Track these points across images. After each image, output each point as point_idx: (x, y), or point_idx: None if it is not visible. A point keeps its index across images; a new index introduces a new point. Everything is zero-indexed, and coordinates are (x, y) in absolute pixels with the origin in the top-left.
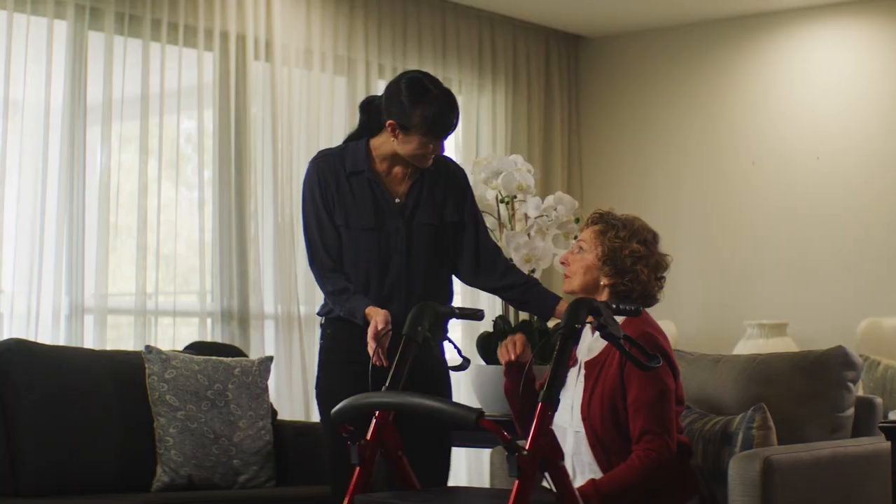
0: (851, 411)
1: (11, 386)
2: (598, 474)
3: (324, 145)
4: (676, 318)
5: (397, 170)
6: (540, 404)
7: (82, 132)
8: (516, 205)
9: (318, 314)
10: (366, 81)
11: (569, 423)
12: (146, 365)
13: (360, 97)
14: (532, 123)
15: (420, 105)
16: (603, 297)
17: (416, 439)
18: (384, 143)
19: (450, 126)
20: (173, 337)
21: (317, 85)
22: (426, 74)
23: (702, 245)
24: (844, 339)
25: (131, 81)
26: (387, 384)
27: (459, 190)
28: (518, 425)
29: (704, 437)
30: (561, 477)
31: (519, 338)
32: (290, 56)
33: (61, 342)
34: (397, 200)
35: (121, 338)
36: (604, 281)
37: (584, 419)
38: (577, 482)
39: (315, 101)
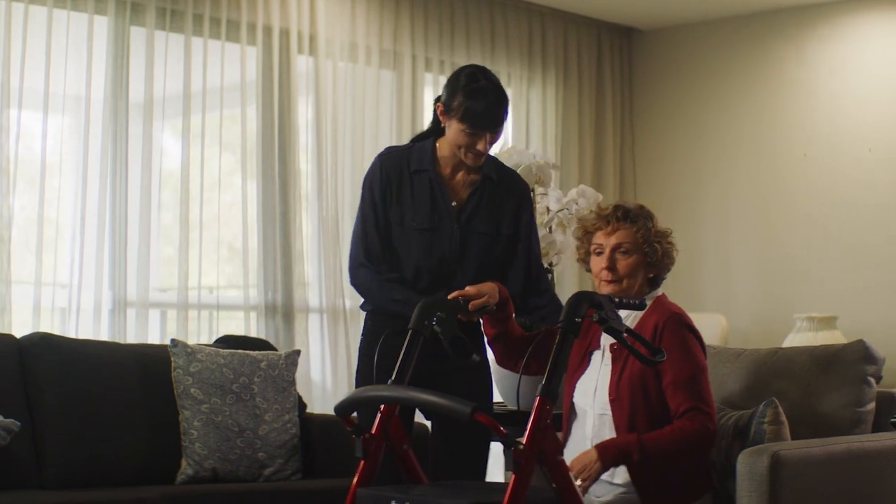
0: (872, 406)
1: (36, 379)
2: None
3: (369, 140)
4: (727, 311)
5: (460, 175)
6: (538, 398)
7: (125, 128)
8: (538, 198)
9: (362, 308)
10: (412, 75)
11: (591, 405)
12: (171, 358)
13: (407, 91)
14: (583, 117)
15: (464, 91)
16: (636, 289)
17: (452, 433)
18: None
19: (486, 118)
20: (217, 331)
21: (361, 79)
22: (486, 69)
23: (753, 238)
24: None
25: (173, 77)
26: (393, 378)
27: (519, 203)
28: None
29: (718, 432)
30: (560, 472)
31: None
32: (335, 50)
33: (104, 336)
34: (455, 204)
35: (163, 332)
36: (651, 274)
37: (611, 401)
38: None
39: (360, 96)
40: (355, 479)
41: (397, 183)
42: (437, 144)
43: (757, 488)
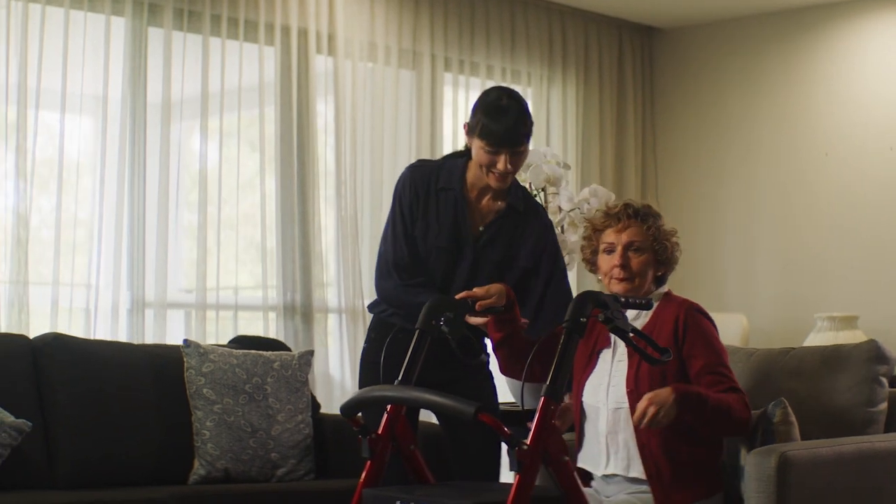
0: (884, 406)
1: (49, 379)
2: (633, 452)
3: (388, 140)
4: (749, 311)
5: (486, 200)
6: (543, 398)
7: (142, 128)
8: (550, 197)
9: (369, 309)
10: (431, 75)
11: (603, 402)
12: (184, 359)
13: (427, 91)
14: (604, 117)
15: (484, 108)
16: (646, 288)
17: (463, 434)
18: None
19: (504, 134)
20: (236, 332)
21: (381, 79)
22: (511, 91)
23: (775, 237)
24: None
25: (191, 77)
26: (399, 378)
27: (539, 238)
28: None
29: None
30: (566, 472)
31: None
32: (354, 50)
33: (122, 337)
34: (477, 229)
35: (184, 332)
36: (659, 272)
37: (629, 392)
38: (612, 465)
39: (379, 96)
40: (361, 480)
41: (424, 198)
42: (468, 165)
43: (765, 489)
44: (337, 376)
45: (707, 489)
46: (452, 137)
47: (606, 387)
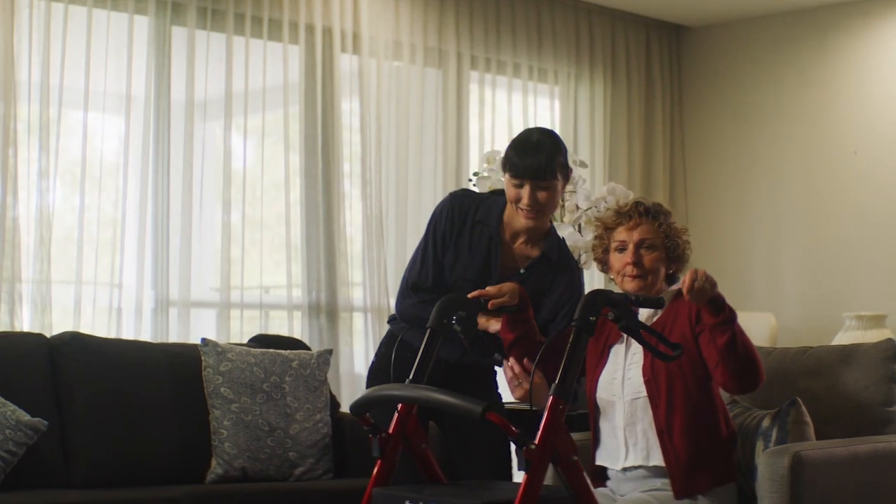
0: None
1: (66, 378)
2: (653, 441)
3: (413, 139)
4: (777, 310)
5: (519, 244)
6: (551, 398)
7: (166, 127)
8: (566, 195)
9: (388, 322)
10: (457, 73)
11: (619, 395)
12: (202, 357)
13: (452, 90)
14: (632, 115)
15: (514, 143)
16: (658, 286)
17: (475, 434)
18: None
19: (527, 166)
20: (260, 331)
21: (406, 77)
22: (548, 130)
23: (803, 236)
24: None
25: (215, 76)
26: (410, 377)
27: (564, 291)
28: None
29: (743, 432)
30: (575, 472)
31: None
32: (379, 48)
33: (146, 336)
34: (506, 268)
35: (205, 332)
36: (671, 270)
37: (646, 381)
38: (631, 457)
39: (404, 95)
40: (371, 479)
41: (459, 228)
42: (507, 204)
43: (778, 489)
44: (362, 375)
45: (722, 476)
46: (479, 136)
47: (621, 380)
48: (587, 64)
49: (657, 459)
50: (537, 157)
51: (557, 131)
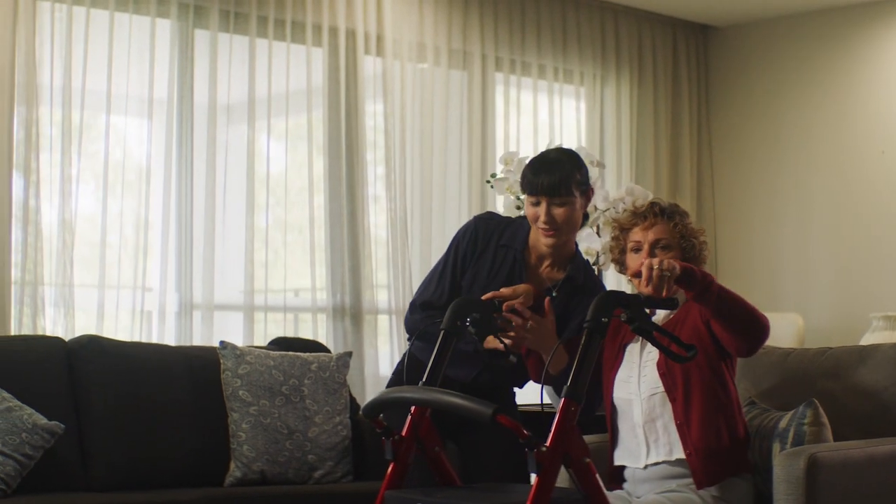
0: None
1: (84, 381)
2: (674, 436)
3: (438, 142)
4: (805, 311)
5: (545, 267)
6: (563, 399)
7: (189, 131)
8: None
9: (409, 339)
10: (482, 75)
11: (636, 393)
12: (220, 360)
13: (477, 92)
14: (659, 116)
15: (530, 162)
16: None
17: (493, 451)
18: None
19: (543, 183)
20: (284, 334)
21: (430, 80)
22: (566, 149)
23: (831, 237)
24: None
25: (238, 79)
26: (424, 379)
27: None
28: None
29: (760, 433)
30: (588, 475)
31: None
32: (403, 50)
33: (170, 340)
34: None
35: (229, 335)
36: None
37: (662, 375)
38: (653, 454)
39: (429, 97)
40: (384, 481)
41: (482, 250)
42: (532, 229)
43: (793, 491)
44: (386, 377)
45: (740, 466)
46: (504, 138)
47: (637, 378)
48: (613, 65)
49: (680, 453)
50: (552, 174)
51: (583, 133)
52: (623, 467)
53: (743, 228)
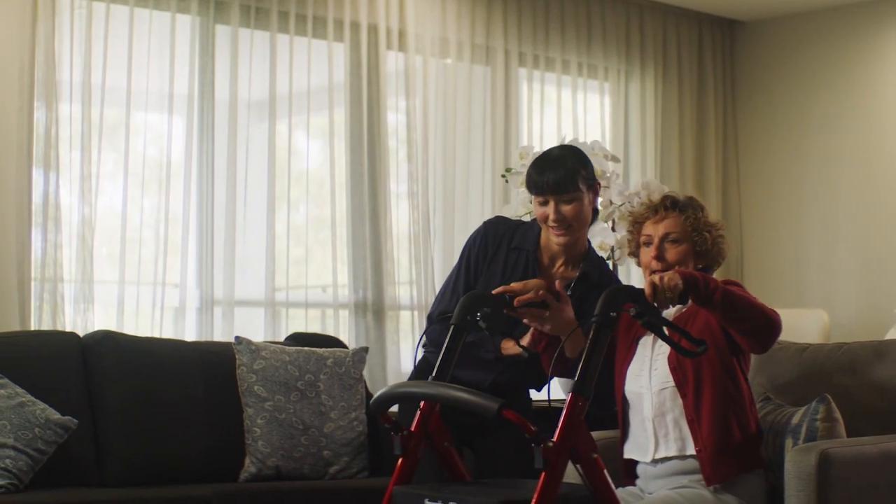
0: None
1: (99, 377)
2: (685, 431)
3: (461, 138)
4: (830, 307)
5: (558, 266)
6: (570, 394)
7: (210, 126)
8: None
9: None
10: (505, 71)
11: (646, 386)
12: (236, 356)
13: (500, 87)
14: (684, 112)
15: (533, 161)
16: None
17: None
18: None
19: (546, 181)
20: (306, 330)
21: (453, 75)
22: (570, 145)
23: (857, 233)
24: None
25: (259, 75)
26: (433, 374)
27: None
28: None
29: (773, 429)
30: (595, 470)
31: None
32: (425, 45)
33: (191, 336)
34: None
35: (249, 331)
36: (700, 265)
37: (672, 369)
38: (662, 449)
39: (451, 92)
40: (393, 477)
41: (493, 254)
42: (543, 230)
43: (805, 487)
44: (408, 373)
45: (752, 462)
46: (528, 134)
47: (649, 371)
48: (638, 60)
49: (691, 449)
50: (556, 171)
51: (607, 129)
52: (636, 462)
53: (768, 224)
